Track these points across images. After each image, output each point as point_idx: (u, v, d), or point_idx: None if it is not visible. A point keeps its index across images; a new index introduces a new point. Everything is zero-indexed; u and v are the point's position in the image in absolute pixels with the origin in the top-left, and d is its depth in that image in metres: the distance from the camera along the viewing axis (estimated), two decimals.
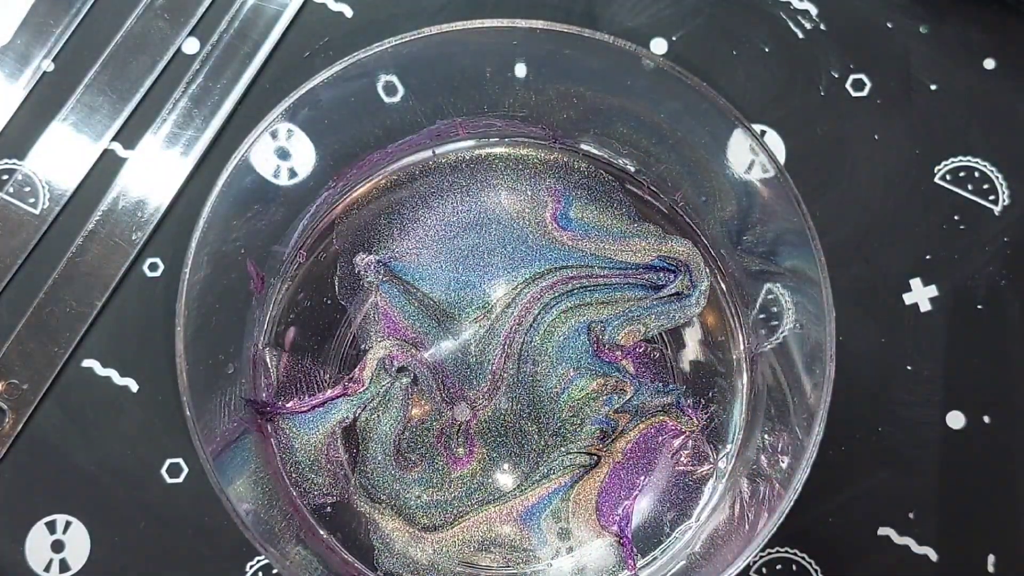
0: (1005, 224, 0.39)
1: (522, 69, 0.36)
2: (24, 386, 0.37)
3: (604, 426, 0.36)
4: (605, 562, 0.36)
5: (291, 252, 0.37)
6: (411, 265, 0.37)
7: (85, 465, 0.37)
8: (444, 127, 0.38)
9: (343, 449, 0.36)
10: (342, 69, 0.35)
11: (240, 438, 0.35)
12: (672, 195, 0.38)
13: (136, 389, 0.38)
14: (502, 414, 0.37)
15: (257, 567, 0.37)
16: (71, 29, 0.39)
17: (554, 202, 0.38)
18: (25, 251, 0.38)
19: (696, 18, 0.40)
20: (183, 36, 0.39)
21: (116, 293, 0.38)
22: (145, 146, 0.39)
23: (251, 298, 0.36)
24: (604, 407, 0.37)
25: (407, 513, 0.36)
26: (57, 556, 0.37)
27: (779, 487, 0.33)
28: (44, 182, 0.38)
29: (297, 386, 0.37)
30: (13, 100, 0.39)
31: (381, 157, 0.38)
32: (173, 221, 0.38)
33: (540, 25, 0.35)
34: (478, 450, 0.36)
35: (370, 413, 0.36)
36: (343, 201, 0.38)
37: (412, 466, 0.36)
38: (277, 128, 0.35)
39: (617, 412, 0.37)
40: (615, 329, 0.37)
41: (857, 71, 0.39)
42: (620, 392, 0.37)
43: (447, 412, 0.37)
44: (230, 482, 0.33)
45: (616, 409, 0.37)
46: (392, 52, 0.35)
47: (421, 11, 0.40)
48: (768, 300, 0.36)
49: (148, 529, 0.37)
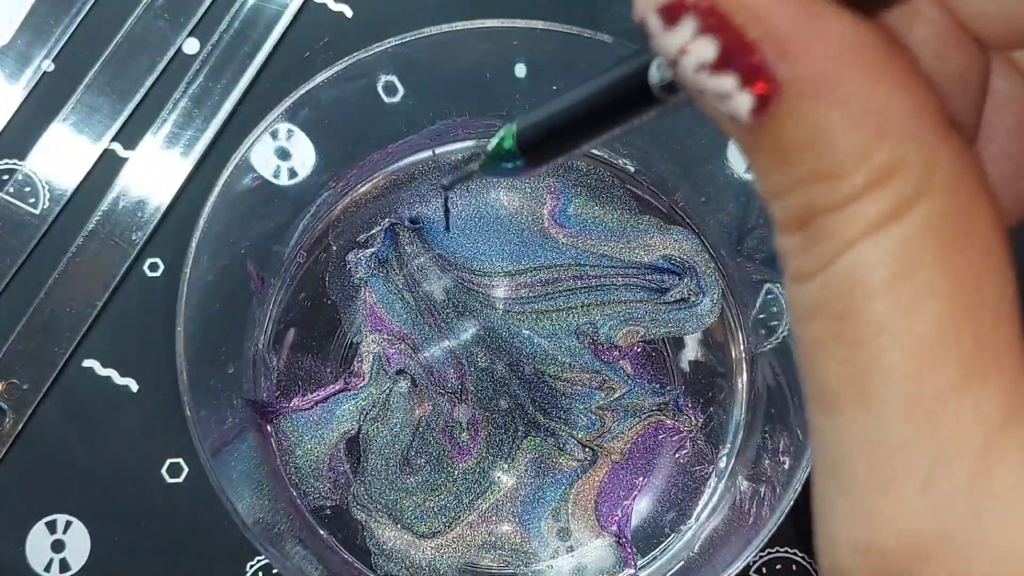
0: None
1: (522, 69, 0.36)
2: (24, 386, 0.37)
3: (588, 420, 0.36)
4: (605, 562, 0.36)
5: (291, 252, 0.37)
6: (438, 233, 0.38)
7: (85, 465, 0.37)
8: (444, 127, 0.38)
9: (345, 458, 0.36)
10: (342, 69, 0.35)
11: (240, 438, 0.35)
12: (672, 195, 0.38)
13: (136, 389, 0.38)
14: (500, 410, 0.37)
15: (257, 567, 0.37)
16: (71, 29, 0.39)
17: (553, 200, 0.38)
18: (25, 251, 0.38)
19: None
20: (183, 36, 0.39)
21: (116, 293, 0.38)
22: (145, 146, 0.39)
23: (251, 298, 0.36)
24: (588, 401, 0.37)
25: (405, 521, 0.36)
26: (57, 556, 0.37)
27: (779, 487, 0.33)
28: (44, 182, 0.38)
29: (297, 385, 0.37)
30: (13, 100, 0.39)
31: (381, 157, 0.38)
32: (173, 221, 0.38)
33: (540, 25, 0.35)
34: (479, 444, 0.36)
35: (371, 423, 0.36)
36: (343, 201, 0.38)
37: (418, 470, 0.36)
38: (277, 128, 0.35)
39: (602, 409, 0.37)
40: (612, 329, 0.37)
41: None
42: (608, 390, 0.37)
43: (447, 408, 0.37)
44: (230, 482, 0.33)
45: (600, 406, 0.37)
46: (392, 52, 0.35)
47: (421, 11, 0.40)
48: (768, 300, 0.36)
49: (148, 529, 0.37)
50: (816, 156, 0.14)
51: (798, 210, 0.15)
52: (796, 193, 0.15)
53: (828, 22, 0.14)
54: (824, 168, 0.14)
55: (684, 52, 0.15)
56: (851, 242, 0.14)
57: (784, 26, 0.14)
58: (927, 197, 0.14)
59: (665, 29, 0.15)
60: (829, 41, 0.14)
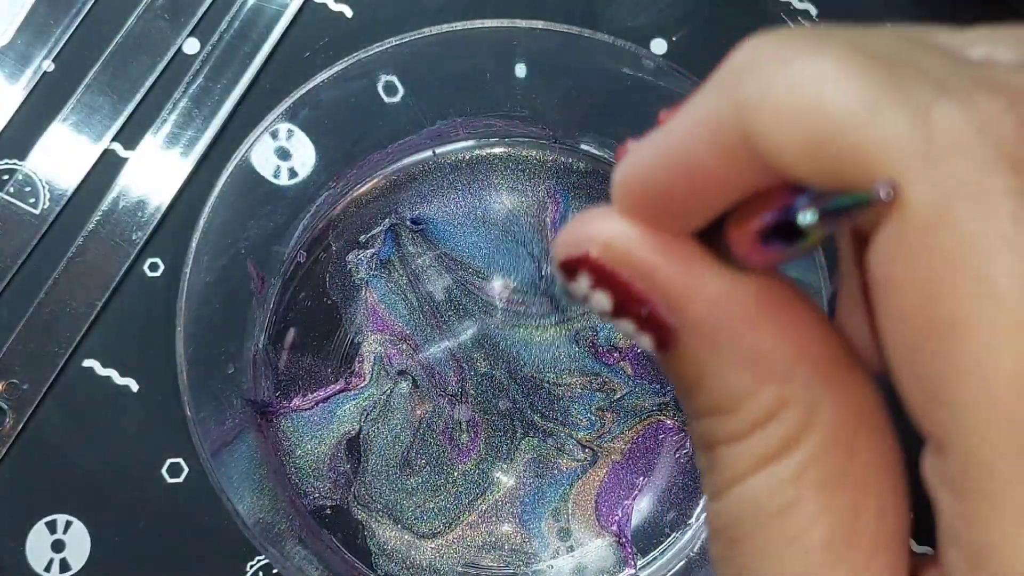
0: None
1: (522, 69, 0.36)
2: (24, 386, 0.37)
3: (588, 421, 0.36)
4: (605, 562, 0.36)
5: (291, 252, 0.37)
6: (443, 228, 0.37)
7: (85, 465, 0.37)
8: (444, 127, 0.38)
9: (346, 458, 0.36)
10: (342, 69, 0.35)
11: (240, 438, 0.35)
12: None
13: (136, 389, 0.38)
14: (499, 412, 0.37)
15: (257, 567, 0.37)
16: (71, 29, 0.39)
17: (553, 204, 0.38)
18: (25, 251, 0.38)
19: (696, 18, 0.40)
20: (183, 36, 0.39)
21: (116, 293, 0.38)
22: (145, 146, 0.39)
23: (251, 298, 0.36)
24: (589, 403, 0.37)
25: (406, 522, 0.36)
26: (57, 556, 0.37)
27: None
28: (44, 182, 0.38)
29: (298, 385, 0.37)
30: (13, 100, 0.39)
31: (381, 157, 0.38)
32: (173, 221, 0.38)
33: (540, 25, 0.35)
34: (478, 445, 0.36)
35: (371, 424, 0.36)
36: (343, 201, 0.38)
37: (418, 471, 0.36)
38: (277, 128, 0.35)
39: (601, 410, 0.37)
40: (612, 330, 0.37)
41: None
42: (609, 391, 0.37)
43: (447, 410, 0.37)
44: (230, 482, 0.33)
45: (601, 407, 0.37)
46: (392, 52, 0.35)
47: (421, 11, 0.40)
48: None
49: (148, 529, 0.37)
50: (708, 393, 0.16)
51: (700, 437, 0.17)
52: (698, 422, 0.16)
53: (706, 278, 0.16)
54: (716, 405, 0.16)
55: (587, 300, 0.16)
56: (741, 476, 0.16)
57: (667, 281, 0.16)
58: (809, 435, 0.15)
59: (568, 281, 0.16)
60: (708, 295, 0.16)
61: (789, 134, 0.14)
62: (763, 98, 0.14)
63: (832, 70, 0.14)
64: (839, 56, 0.14)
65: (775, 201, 0.15)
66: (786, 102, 0.14)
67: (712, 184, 0.15)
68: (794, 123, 0.14)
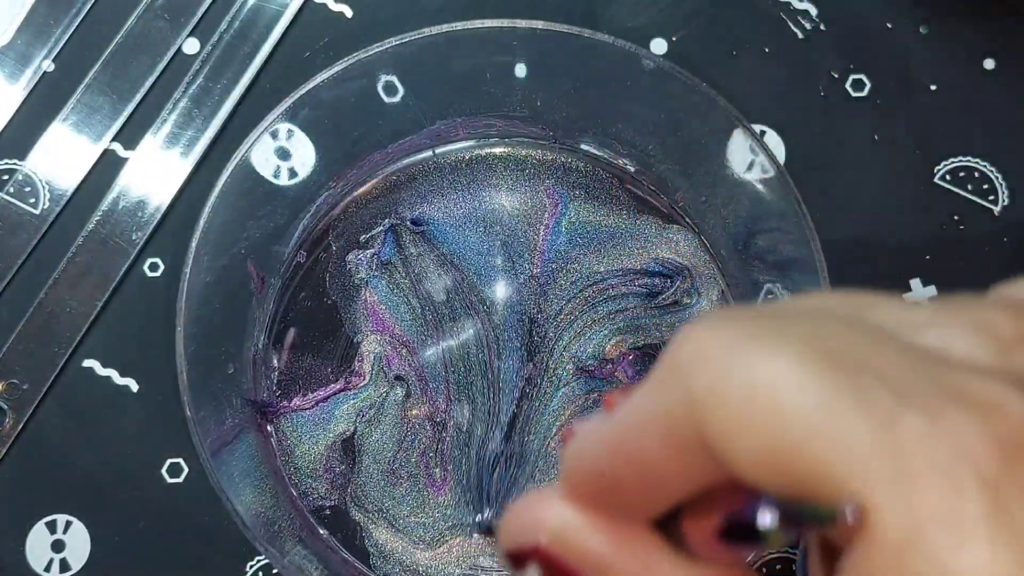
0: (1005, 224, 0.39)
1: (522, 69, 0.36)
2: (24, 386, 0.37)
3: None
4: None
5: (291, 252, 0.37)
6: (443, 228, 0.37)
7: (85, 465, 0.37)
8: (444, 127, 0.38)
9: (342, 459, 0.36)
10: (342, 69, 0.35)
11: (240, 438, 0.35)
12: (672, 195, 0.38)
13: (136, 389, 0.38)
14: (474, 466, 0.36)
15: (257, 567, 0.37)
16: (71, 29, 0.39)
17: (552, 205, 0.38)
18: (25, 251, 0.38)
19: (696, 18, 0.40)
20: (183, 36, 0.39)
21: (116, 293, 0.38)
22: (145, 146, 0.39)
23: (251, 298, 0.36)
24: None
25: (400, 527, 0.36)
26: (57, 556, 0.37)
27: None
28: (44, 182, 0.38)
29: (297, 385, 0.37)
30: (13, 100, 0.39)
31: (381, 157, 0.38)
32: (173, 221, 0.38)
33: (540, 25, 0.35)
34: (449, 490, 0.36)
35: (365, 425, 0.36)
36: (343, 201, 0.38)
37: (401, 481, 0.36)
38: (277, 128, 0.35)
39: None
40: (600, 343, 0.37)
41: (857, 71, 0.39)
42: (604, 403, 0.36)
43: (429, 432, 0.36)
44: (230, 482, 0.33)
45: None
46: (392, 52, 0.35)
47: (421, 11, 0.40)
48: (768, 300, 0.36)
49: (148, 529, 0.37)
50: None
51: None
52: None
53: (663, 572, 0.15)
54: None
55: None
56: None
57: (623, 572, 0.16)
58: None
59: (516, 569, 0.16)
60: None
61: (747, 440, 0.13)
62: (719, 400, 0.14)
63: (789, 373, 0.13)
64: (795, 355, 0.13)
65: (734, 499, 0.14)
66: (743, 408, 0.13)
67: (665, 480, 0.15)
68: (752, 430, 0.13)
